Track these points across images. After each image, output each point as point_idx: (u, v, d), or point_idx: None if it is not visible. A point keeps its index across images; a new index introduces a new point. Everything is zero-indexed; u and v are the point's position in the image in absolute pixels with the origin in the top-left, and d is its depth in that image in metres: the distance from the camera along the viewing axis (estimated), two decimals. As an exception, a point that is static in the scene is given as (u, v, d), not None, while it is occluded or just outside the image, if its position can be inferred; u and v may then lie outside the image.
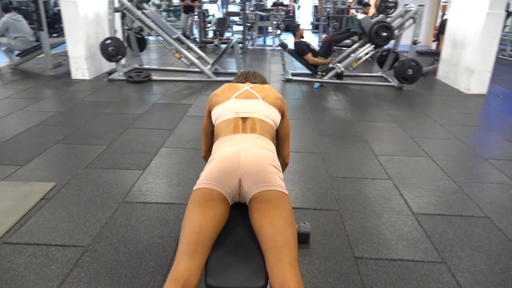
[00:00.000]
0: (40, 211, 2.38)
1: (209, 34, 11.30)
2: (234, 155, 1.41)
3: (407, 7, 6.11)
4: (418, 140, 3.79)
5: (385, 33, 5.78)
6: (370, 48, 6.12)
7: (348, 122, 4.33)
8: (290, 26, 7.29)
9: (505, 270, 1.97)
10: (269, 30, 11.46)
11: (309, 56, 6.36)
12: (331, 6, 10.34)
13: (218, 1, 12.78)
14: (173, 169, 3.03)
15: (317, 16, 13.46)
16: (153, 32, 6.14)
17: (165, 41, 6.17)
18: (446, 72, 6.47)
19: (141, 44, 7.08)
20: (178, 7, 13.25)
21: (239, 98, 1.68)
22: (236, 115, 1.61)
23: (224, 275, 1.19)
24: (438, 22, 10.04)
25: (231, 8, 13.82)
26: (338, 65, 6.24)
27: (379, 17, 6.36)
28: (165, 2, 15.15)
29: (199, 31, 10.24)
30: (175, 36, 6.23)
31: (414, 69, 5.65)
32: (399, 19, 6.17)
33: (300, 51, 6.40)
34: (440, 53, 6.82)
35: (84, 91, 5.35)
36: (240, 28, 10.62)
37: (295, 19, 14.29)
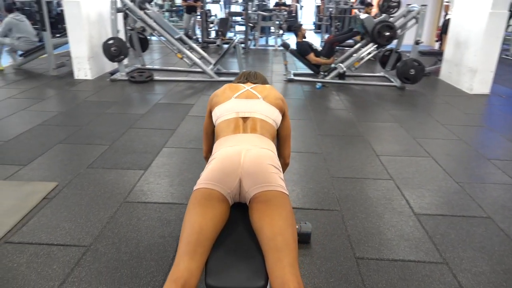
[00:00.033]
0: (42, 210, 2.39)
1: (211, 34, 11.31)
2: (235, 155, 1.41)
3: (409, 7, 6.10)
4: (420, 140, 3.78)
5: (388, 33, 5.77)
6: (373, 48, 6.11)
7: (350, 122, 4.33)
8: (292, 26, 7.29)
9: (507, 271, 1.96)
10: (272, 30, 11.46)
11: (311, 56, 6.35)
12: (334, 6, 10.33)
13: (220, 1, 12.79)
14: (174, 169, 3.04)
15: (319, 16, 13.45)
16: (155, 32, 6.16)
17: (167, 41, 6.18)
18: (449, 72, 6.44)
19: (144, 44, 7.10)
20: (181, 7, 13.27)
21: (239, 98, 1.68)
22: (236, 115, 1.61)
23: (224, 275, 1.19)
24: (441, 22, 10.00)
25: (234, 8, 13.83)
26: (340, 65, 6.23)
27: (382, 16, 6.35)
28: (168, 2, 15.17)
29: (201, 31, 10.25)
30: (177, 36, 6.24)
31: (417, 69, 5.64)
32: (401, 19, 6.16)
33: (302, 51, 6.40)
34: (442, 53, 6.79)
35: (86, 91, 5.36)
36: (243, 28, 10.62)
37: (297, 19, 14.27)
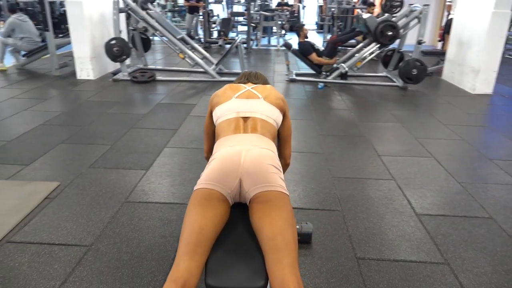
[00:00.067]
0: (43, 210, 2.40)
1: (213, 34, 11.32)
2: (235, 155, 1.41)
3: (412, 6, 6.08)
4: (422, 141, 3.77)
5: (390, 32, 5.75)
6: (375, 48, 6.10)
7: (352, 122, 4.32)
8: (294, 26, 7.28)
9: (509, 272, 1.95)
10: (274, 30, 11.46)
11: (314, 56, 6.35)
12: (336, 6, 10.32)
13: (223, 1, 12.80)
14: (176, 169, 3.04)
15: (322, 16, 13.44)
16: (158, 32, 6.17)
17: (169, 41, 6.19)
18: (451, 72, 6.42)
19: (146, 44, 7.12)
20: (183, 7, 13.29)
21: (240, 98, 1.68)
22: (237, 115, 1.61)
23: (224, 275, 1.19)
24: (444, 21, 9.97)
25: (236, 8, 13.85)
26: (343, 65, 6.23)
27: (384, 16, 6.33)
28: (170, 2, 15.19)
29: (203, 31, 10.26)
30: (179, 37, 6.25)
31: (419, 69, 5.63)
32: (404, 18, 6.15)
33: (304, 51, 6.40)
34: (445, 53, 6.77)
35: (89, 91, 5.38)
36: (245, 28, 10.62)
37: (299, 19, 14.27)
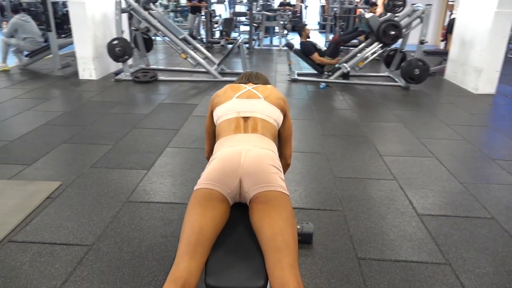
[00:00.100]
0: (45, 210, 2.41)
1: (216, 34, 11.32)
2: (235, 155, 1.41)
3: (414, 6, 6.06)
4: (424, 141, 3.76)
5: (393, 32, 5.73)
6: (377, 48, 6.08)
7: (353, 122, 4.31)
8: (296, 26, 7.28)
9: (511, 272, 1.94)
10: (276, 30, 11.45)
11: (316, 56, 6.34)
12: (338, 6, 10.31)
13: (225, 1, 12.80)
14: (177, 169, 3.05)
15: (324, 16, 13.42)
16: (160, 32, 6.18)
17: (171, 41, 6.20)
18: (454, 72, 6.40)
19: (148, 44, 7.12)
20: (186, 7, 13.30)
21: (241, 98, 1.68)
22: (237, 115, 1.61)
23: (224, 275, 1.19)
24: (446, 21, 9.94)
25: (238, 8, 13.85)
26: (345, 65, 6.21)
27: (387, 16, 6.32)
28: (173, 2, 15.21)
29: (206, 31, 10.27)
30: (181, 37, 6.26)
31: (421, 69, 5.61)
32: (406, 18, 6.13)
33: (306, 51, 6.39)
34: (447, 53, 6.75)
35: (91, 91, 5.39)
36: (247, 28, 10.62)
37: (302, 19, 14.25)
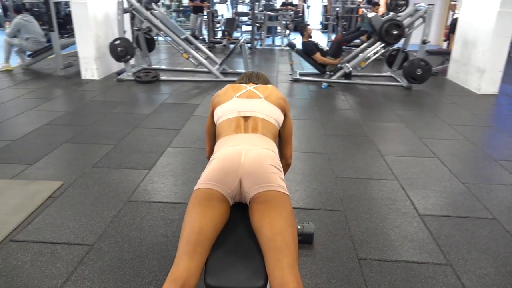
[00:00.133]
0: (47, 209, 2.41)
1: (218, 34, 11.33)
2: (235, 155, 1.41)
3: (417, 6, 6.05)
4: (426, 141, 3.75)
5: (396, 31, 5.71)
6: (380, 47, 6.07)
7: (355, 122, 4.30)
8: (298, 26, 7.27)
9: (512, 273, 1.94)
10: (278, 30, 11.44)
11: (318, 56, 6.33)
12: (341, 5, 10.29)
13: (227, 1, 12.80)
14: (178, 168, 3.05)
15: (326, 15, 13.40)
16: (162, 32, 6.19)
17: (173, 41, 6.21)
18: (457, 71, 6.38)
19: (150, 44, 7.13)
20: (188, 7, 13.30)
21: (241, 98, 1.68)
22: (238, 115, 1.61)
23: (224, 275, 1.19)
24: (449, 21, 9.91)
25: (240, 8, 13.83)
26: (347, 64, 6.21)
27: (389, 15, 6.30)
28: (175, 2, 15.22)
29: (208, 31, 10.27)
30: (183, 37, 6.27)
31: (424, 68, 5.59)
32: (408, 18, 6.11)
33: (308, 50, 6.38)
34: (450, 53, 6.73)
35: (93, 91, 5.41)
36: (249, 28, 10.62)
37: (304, 19, 14.23)
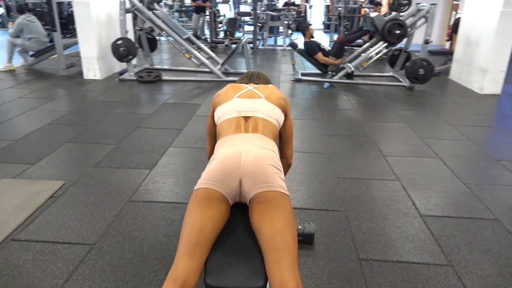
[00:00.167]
0: (48, 209, 2.42)
1: (220, 34, 11.34)
2: (235, 155, 1.41)
3: (419, 5, 6.03)
4: (428, 141, 3.73)
5: (398, 31, 5.69)
6: (382, 47, 6.06)
7: (357, 123, 4.30)
8: (300, 26, 7.27)
9: (514, 274, 1.93)
10: (280, 30, 11.44)
11: (320, 56, 6.32)
12: (343, 5, 10.28)
13: (229, 1, 12.80)
14: (180, 168, 3.05)
15: (328, 15, 13.39)
16: (164, 32, 6.19)
17: (175, 41, 6.22)
18: (459, 71, 6.36)
19: (152, 44, 7.15)
20: (190, 7, 13.32)
21: (242, 98, 1.68)
22: (238, 114, 1.61)
23: (224, 275, 1.19)
24: (452, 21, 9.87)
25: (243, 8, 13.85)
26: (349, 64, 6.20)
27: (392, 15, 6.29)
28: (177, 2, 15.24)
29: (210, 31, 10.28)
30: (185, 37, 6.28)
31: (426, 68, 5.58)
32: (411, 18, 6.10)
33: (310, 50, 6.38)
34: (453, 53, 6.70)
35: (95, 91, 5.42)
36: (251, 28, 10.62)
37: (306, 19, 14.23)
